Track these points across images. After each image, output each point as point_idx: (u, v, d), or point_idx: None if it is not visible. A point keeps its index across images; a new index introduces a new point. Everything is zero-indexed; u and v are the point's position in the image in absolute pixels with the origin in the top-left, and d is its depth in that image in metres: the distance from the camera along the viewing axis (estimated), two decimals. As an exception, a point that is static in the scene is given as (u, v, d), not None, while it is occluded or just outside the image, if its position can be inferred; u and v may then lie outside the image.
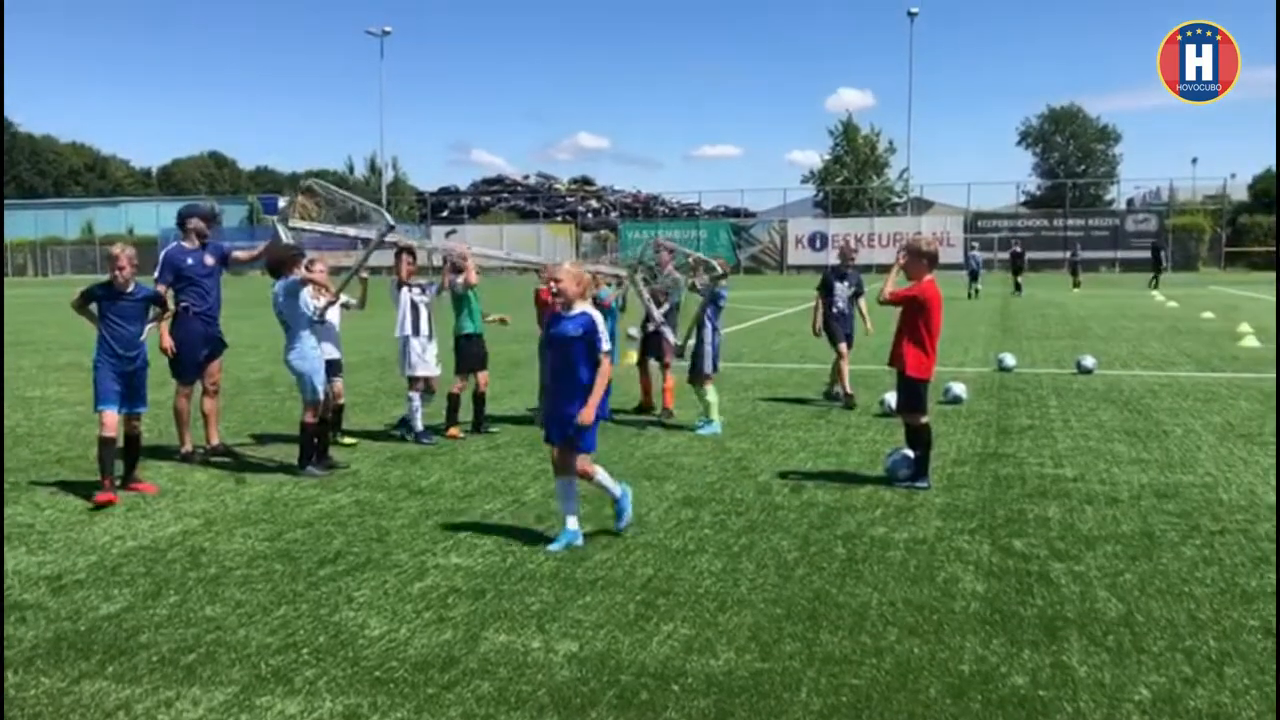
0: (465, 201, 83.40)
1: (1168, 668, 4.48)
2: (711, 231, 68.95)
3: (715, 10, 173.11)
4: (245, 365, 15.43)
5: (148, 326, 7.80)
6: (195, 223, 8.95)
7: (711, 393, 10.34)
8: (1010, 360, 15.00)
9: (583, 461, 6.37)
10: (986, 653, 4.65)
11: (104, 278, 7.74)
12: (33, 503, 7.49)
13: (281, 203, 73.44)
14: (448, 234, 64.13)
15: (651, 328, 10.87)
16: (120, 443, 7.64)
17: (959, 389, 11.83)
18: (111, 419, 7.52)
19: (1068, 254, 48.13)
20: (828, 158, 76.65)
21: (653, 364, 11.30)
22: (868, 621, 5.03)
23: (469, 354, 10.14)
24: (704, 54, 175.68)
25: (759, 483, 7.98)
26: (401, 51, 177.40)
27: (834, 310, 11.85)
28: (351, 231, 9.19)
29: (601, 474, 6.49)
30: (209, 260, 8.91)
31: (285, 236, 8.60)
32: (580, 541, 6.28)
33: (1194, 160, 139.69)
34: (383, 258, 11.90)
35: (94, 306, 7.62)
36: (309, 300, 8.37)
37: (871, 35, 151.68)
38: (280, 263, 8.33)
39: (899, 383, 7.91)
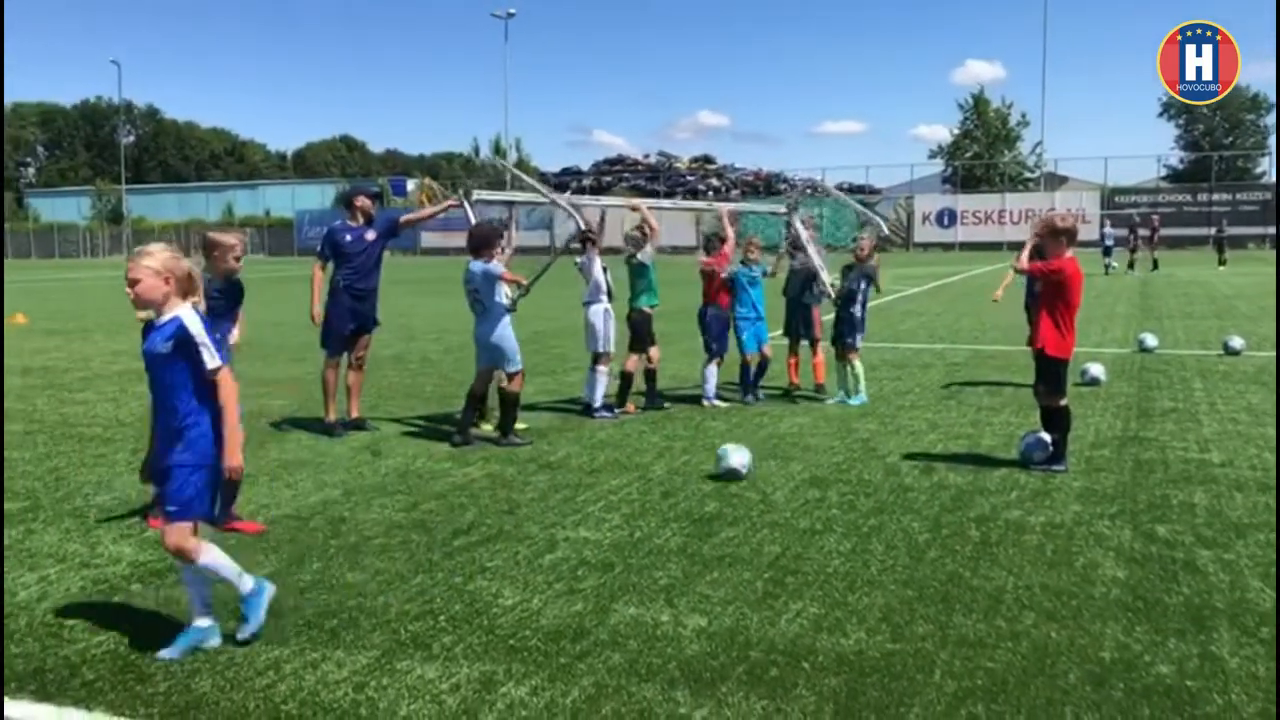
0: (587, 181, 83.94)
1: (1328, 663, 4.26)
2: (834, 209, 66.89)
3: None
4: (378, 342, 15.69)
5: (233, 332, 6.70)
6: (362, 200, 9.20)
7: (859, 365, 10.47)
8: (1151, 340, 14.41)
9: (175, 534, 4.33)
10: (1129, 640, 4.50)
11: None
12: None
13: (410, 185, 75.31)
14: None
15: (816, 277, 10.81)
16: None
17: (1097, 370, 11.42)
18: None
19: (1213, 230, 45.86)
20: (956, 132, 74.70)
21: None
22: (1003, 605, 4.91)
23: (646, 330, 10.07)
24: (825, 29, 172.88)
25: (887, 464, 7.86)
26: (525, 34, 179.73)
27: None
28: (527, 199, 9.63)
29: (213, 556, 4.45)
30: (369, 236, 9.12)
31: (471, 215, 8.82)
32: (216, 641, 4.45)
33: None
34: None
35: None
36: (502, 290, 8.60)
37: (1001, 4, 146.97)
38: (484, 241, 8.53)
39: (1038, 364, 7.66)
